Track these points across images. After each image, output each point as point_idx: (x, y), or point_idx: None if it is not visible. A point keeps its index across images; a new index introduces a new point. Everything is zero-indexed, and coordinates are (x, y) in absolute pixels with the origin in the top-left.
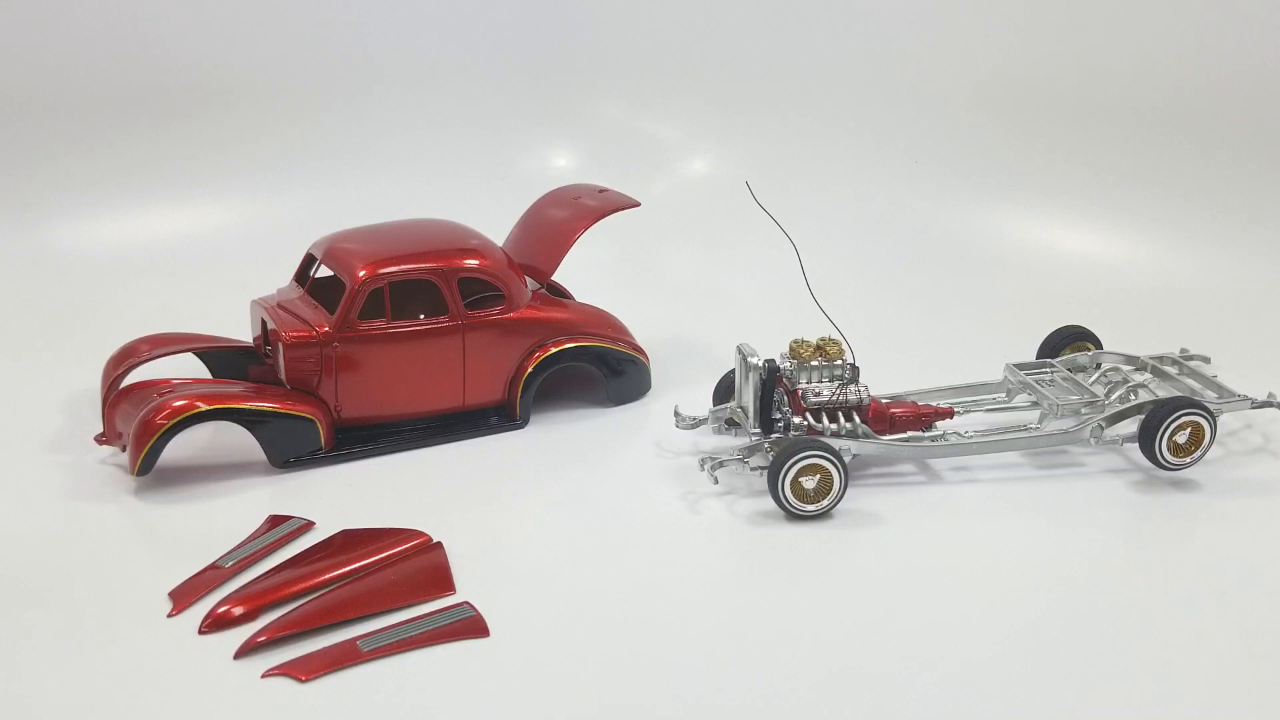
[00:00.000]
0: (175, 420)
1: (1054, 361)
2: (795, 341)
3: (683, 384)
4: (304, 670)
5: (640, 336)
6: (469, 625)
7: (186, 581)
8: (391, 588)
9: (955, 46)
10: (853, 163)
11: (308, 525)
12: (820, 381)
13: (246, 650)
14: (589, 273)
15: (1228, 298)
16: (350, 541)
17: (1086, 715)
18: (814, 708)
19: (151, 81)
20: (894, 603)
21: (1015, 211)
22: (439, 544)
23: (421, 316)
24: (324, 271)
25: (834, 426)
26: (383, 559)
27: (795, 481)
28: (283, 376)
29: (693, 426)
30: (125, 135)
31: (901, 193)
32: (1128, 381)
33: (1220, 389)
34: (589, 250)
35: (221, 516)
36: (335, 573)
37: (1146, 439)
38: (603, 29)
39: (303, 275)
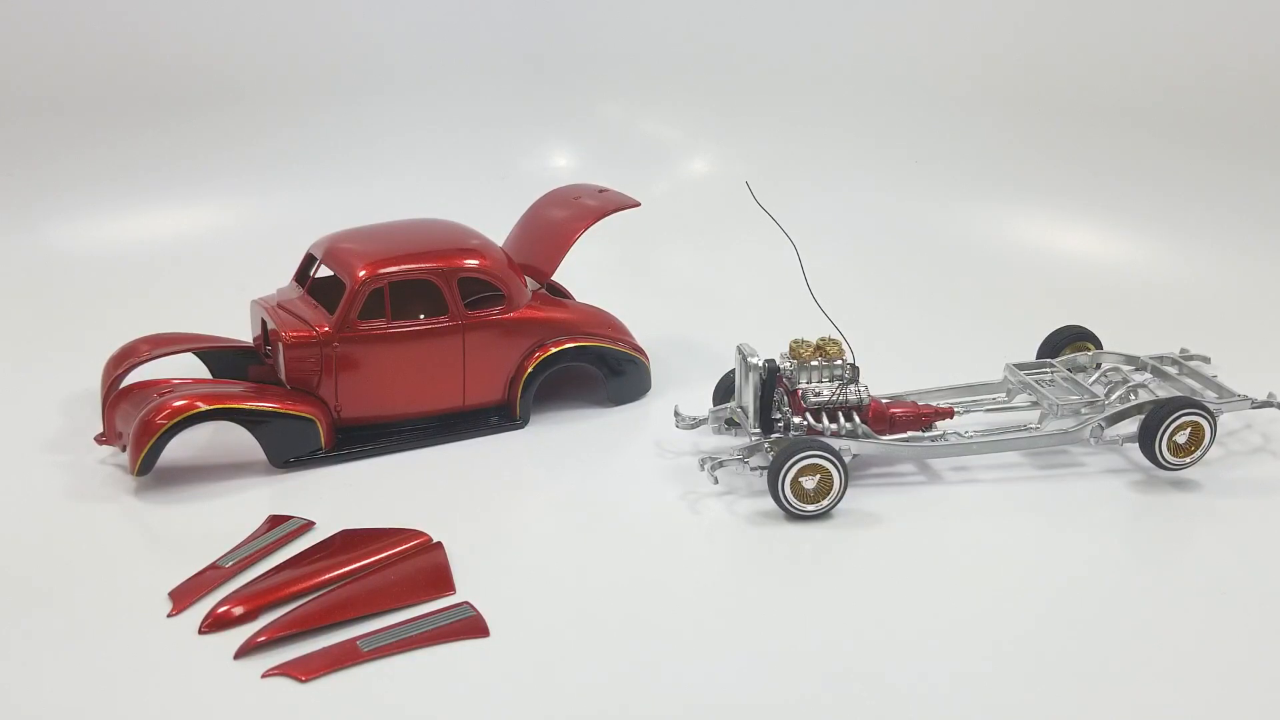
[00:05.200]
0: (175, 420)
1: (1054, 361)
2: (795, 341)
3: (683, 384)
4: (304, 670)
5: (640, 336)
6: (469, 625)
7: (186, 581)
8: (391, 588)
9: (955, 46)
10: (853, 162)
11: (308, 525)
12: (820, 381)
13: (246, 650)
14: (589, 273)
15: (1228, 298)
16: (350, 541)
17: (1087, 715)
18: (814, 707)
19: (151, 81)
20: (894, 603)
21: (1015, 211)
22: (439, 544)
23: (421, 316)
24: (324, 271)
25: (834, 426)
26: (382, 559)
27: (795, 481)
28: (283, 376)
29: (693, 426)
30: (125, 135)
31: (902, 192)
32: (1128, 381)
33: (1220, 389)
34: (589, 250)
35: (221, 516)
36: (335, 573)
37: (1146, 439)
38: (603, 29)
39: (303, 275)
